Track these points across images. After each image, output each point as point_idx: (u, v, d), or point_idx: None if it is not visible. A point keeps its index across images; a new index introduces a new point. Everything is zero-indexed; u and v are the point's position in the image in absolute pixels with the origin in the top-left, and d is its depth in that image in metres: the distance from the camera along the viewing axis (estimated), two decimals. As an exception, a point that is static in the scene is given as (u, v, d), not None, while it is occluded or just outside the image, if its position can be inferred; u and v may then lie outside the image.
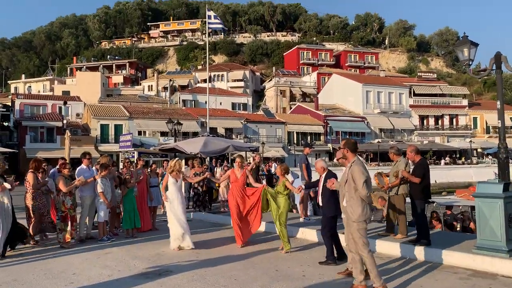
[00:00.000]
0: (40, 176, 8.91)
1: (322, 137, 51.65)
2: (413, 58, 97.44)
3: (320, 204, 7.01)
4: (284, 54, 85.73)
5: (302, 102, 62.12)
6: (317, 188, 7.37)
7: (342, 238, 6.66)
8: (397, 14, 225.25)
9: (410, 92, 59.33)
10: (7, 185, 7.46)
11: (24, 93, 61.36)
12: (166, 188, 8.32)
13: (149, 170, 11.48)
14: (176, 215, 8.08)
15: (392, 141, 52.03)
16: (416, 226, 7.43)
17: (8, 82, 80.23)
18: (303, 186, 8.22)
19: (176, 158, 8.71)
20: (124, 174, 9.88)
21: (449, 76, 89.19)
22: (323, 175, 7.00)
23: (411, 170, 7.48)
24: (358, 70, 77.07)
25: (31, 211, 8.37)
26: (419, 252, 7.08)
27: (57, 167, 9.96)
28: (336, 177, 6.54)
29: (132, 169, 10.57)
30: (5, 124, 43.85)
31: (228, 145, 15.89)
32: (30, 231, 8.38)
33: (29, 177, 8.34)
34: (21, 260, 7.36)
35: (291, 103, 65.32)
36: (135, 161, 12.60)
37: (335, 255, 6.79)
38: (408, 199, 7.74)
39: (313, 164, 8.58)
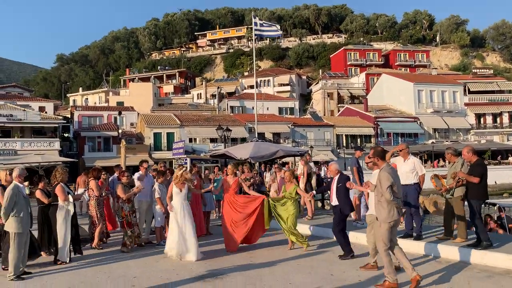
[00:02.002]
0: (100, 184, 9.40)
1: (372, 139, 50.54)
2: (466, 54, 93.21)
3: (335, 203, 7.67)
4: (331, 56, 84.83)
5: (351, 104, 61.13)
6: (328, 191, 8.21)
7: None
8: (448, 10, 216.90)
9: (464, 90, 56.78)
10: (71, 198, 7.93)
11: (82, 105, 64.74)
12: (171, 198, 8.21)
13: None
14: (176, 227, 7.88)
15: (447, 141, 49.98)
16: (475, 228, 7.16)
17: (67, 95, 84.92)
18: (315, 193, 9.45)
19: (183, 169, 8.63)
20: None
21: (507, 71, 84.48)
22: (337, 177, 7.75)
23: (467, 171, 7.22)
24: (408, 69, 74.81)
25: (95, 218, 8.85)
26: (480, 256, 6.79)
27: (116, 174, 10.48)
28: (349, 179, 7.72)
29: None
30: (66, 135, 46.42)
31: (277, 150, 15.96)
32: (95, 236, 8.85)
33: (92, 185, 8.83)
34: (85, 264, 7.78)
35: (339, 105, 64.46)
36: (189, 168, 12.95)
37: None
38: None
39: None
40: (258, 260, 7.68)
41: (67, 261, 7.85)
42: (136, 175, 9.88)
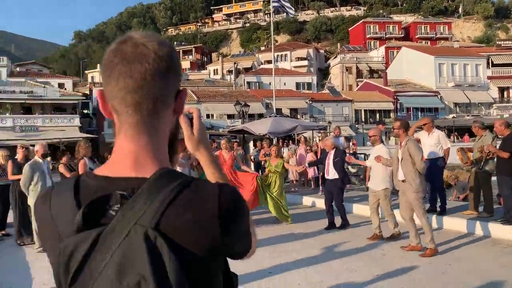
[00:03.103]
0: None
1: (392, 114, 49.79)
2: (490, 26, 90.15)
3: (332, 177, 7.92)
4: (349, 29, 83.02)
5: (370, 79, 60.09)
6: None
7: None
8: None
9: (487, 63, 55.13)
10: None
11: (100, 81, 65.16)
12: None
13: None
14: None
15: (468, 115, 48.92)
16: (503, 203, 7.00)
17: (85, 72, 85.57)
18: (307, 165, 10.10)
19: None
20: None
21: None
22: (332, 152, 8.01)
23: (497, 145, 7.02)
24: (429, 42, 72.83)
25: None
26: (509, 231, 6.66)
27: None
28: (345, 154, 8.33)
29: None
30: (85, 111, 46.92)
31: (296, 125, 15.88)
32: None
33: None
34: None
35: (357, 80, 63.44)
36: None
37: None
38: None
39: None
40: (276, 233, 7.71)
41: None
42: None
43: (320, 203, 9.57)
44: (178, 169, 8.94)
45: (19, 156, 8.05)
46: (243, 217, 0.89)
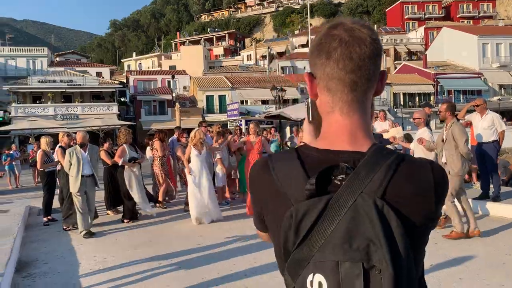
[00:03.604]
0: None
1: (432, 97, 48.10)
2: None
3: None
4: (386, 10, 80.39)
5: (408, 61, 58.16)
6: None
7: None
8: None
9: (536, 41, 52.16)
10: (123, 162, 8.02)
11: (136, 70, 66.17)
12: (189, 161, 7.86)
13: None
14: (196, 192, 7.60)
15: (514, 98, 46.66)
16: None
17: (121, 60, 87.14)
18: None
19: (197, 128, 8.18)
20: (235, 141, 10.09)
21: None
22: None
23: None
24: (471, 22, 69.59)
25: (160, 177, 8.97)
26: None
27: (175, 136, 10.53)
28: (382, 137, 8.07)
29: (243, 137, 10.76)
30: (122, 99, 47.80)
31: (335, 109, 15.43)
32: (160, 196, 9.00)
33: (157, 145, 8.91)
34: (151, 223, 7.95)
35: (395, 62, 61.55)
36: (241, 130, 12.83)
37: None
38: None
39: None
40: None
41: (153, 213, 8.18)
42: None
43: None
44: (217, 154, 8.86)
45: (62, 143, 8.15)
46: (447, 191, 0.98)
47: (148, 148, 9.64)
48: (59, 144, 8.20)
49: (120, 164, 7.95)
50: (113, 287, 4.63)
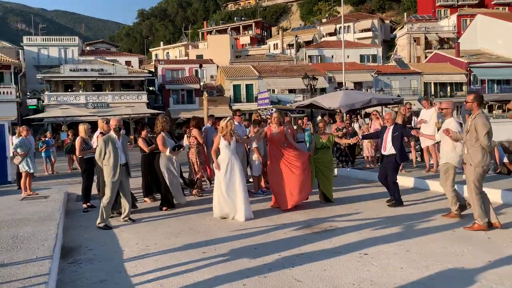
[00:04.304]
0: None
1: (464, 87, 46.72)
2: None
3: (388, 153, 7.66)
4: (417, -3, 78.22)
5: (440, 49, 56.54)
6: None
7: None
8: None
9: None
10: (167, 151, 7.93)
11: (164, 59, 66.65)
12: (218, 152, 7.30)
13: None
14: (223, 188, 7.04)
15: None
16: None
17: (149, 49, 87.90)
18: (360, 137, 9.35)
19: (228, 118, 7.54)
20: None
21: None
22: (391, 127, 7.72)
23: None
24: (507, 8, 66.93)
25: (196, 166, 8.95)
26: None
27: (209, 124, 10.47)
28: (404, 129, 7.98)
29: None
30: (151, 88, 48.28)
31: (370, 98, 15.11)
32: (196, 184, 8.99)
33: (195, 133, 8.87)
34: (189, 211, 7.93)
35: (426, 51, 59.96)
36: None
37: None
38: None
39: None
40: (365, 216, 7.31)
41: (183, 202, 8.19)
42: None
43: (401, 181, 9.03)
44: (254, 144, 8.73)
45: (103, 129, 8.18)
46: None
47: (185, 136, 9.59)
48: (100, 131, 8.25)
49: (167, 153, 7.90)
50: (160, 276, 4.60)
